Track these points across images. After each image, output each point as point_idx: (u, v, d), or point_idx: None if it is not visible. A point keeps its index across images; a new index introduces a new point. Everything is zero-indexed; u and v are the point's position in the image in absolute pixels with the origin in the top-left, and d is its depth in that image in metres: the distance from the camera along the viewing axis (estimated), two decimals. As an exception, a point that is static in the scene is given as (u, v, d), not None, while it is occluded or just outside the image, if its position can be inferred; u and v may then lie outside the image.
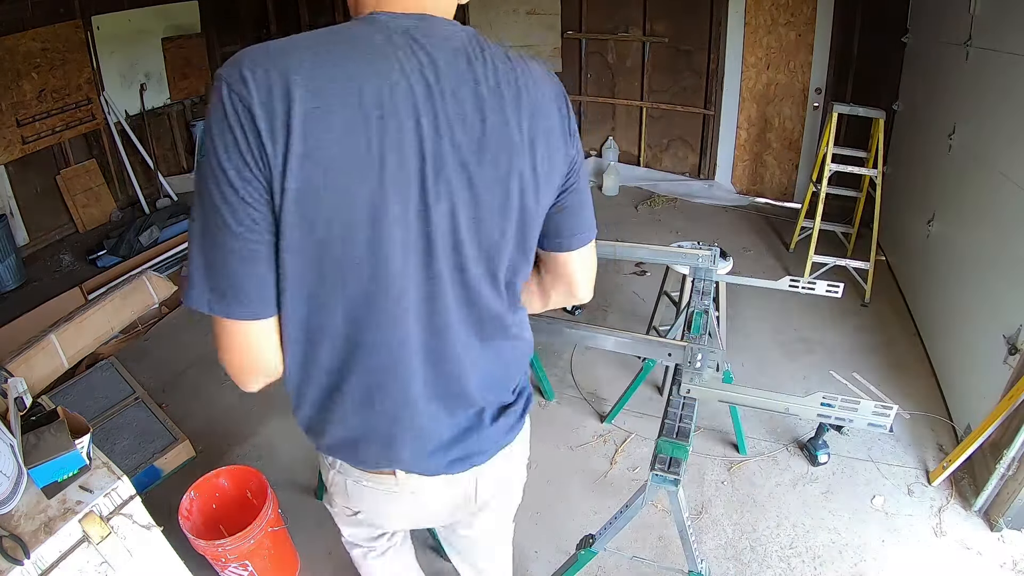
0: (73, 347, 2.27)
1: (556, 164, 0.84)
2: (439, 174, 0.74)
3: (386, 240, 0.74)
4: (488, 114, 0.76)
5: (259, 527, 1.75)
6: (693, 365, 1.36)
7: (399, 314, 0.79)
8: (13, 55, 3.85)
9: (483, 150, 0.76)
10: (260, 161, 0.67)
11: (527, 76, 0.80)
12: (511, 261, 0.86)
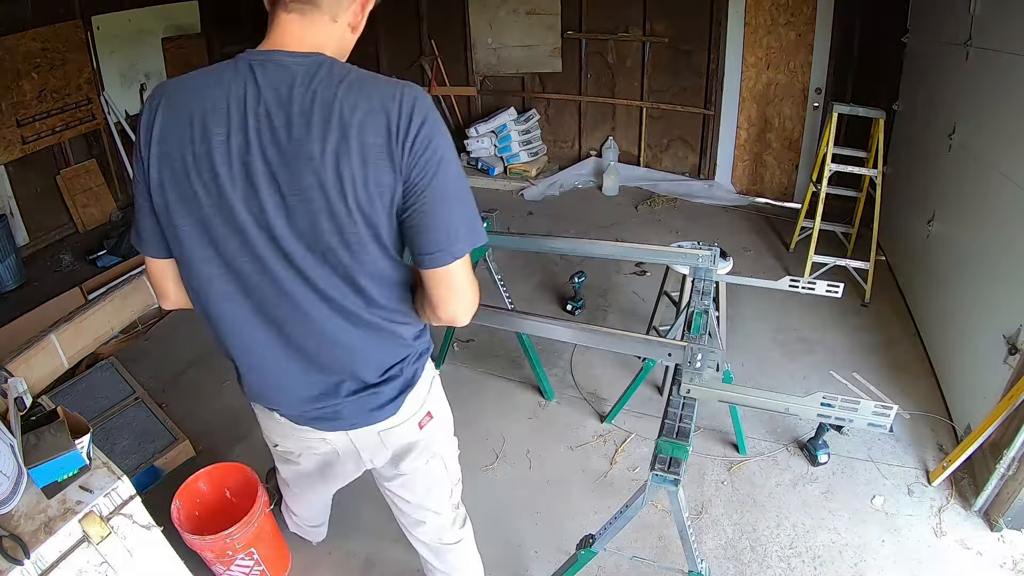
0: (73, 347, 2.26)
1: (380, 180, 0.94)
2: (249, 181, 0.94)
3: (210, 229, 0.97)
4: (294, 133, 0.91)
5: (260, 510, 1.76)
6: (693, 365, 1.36)
7: (230, 291, 1.02)
8: (13, 55, 3.84)
9: (288, 163, 0.92)
10: (142, 155, 0.96)
11: (350, 100, 0.92)
12: (360, 263, 1.00)
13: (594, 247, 2.14)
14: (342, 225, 0.95)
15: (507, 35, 5.22)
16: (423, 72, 5.62)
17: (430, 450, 1.35)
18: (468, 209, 1.02)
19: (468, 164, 5.46)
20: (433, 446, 1.35)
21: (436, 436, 1.34)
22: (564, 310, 3.42)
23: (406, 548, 2.07)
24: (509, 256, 3.87)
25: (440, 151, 0.96)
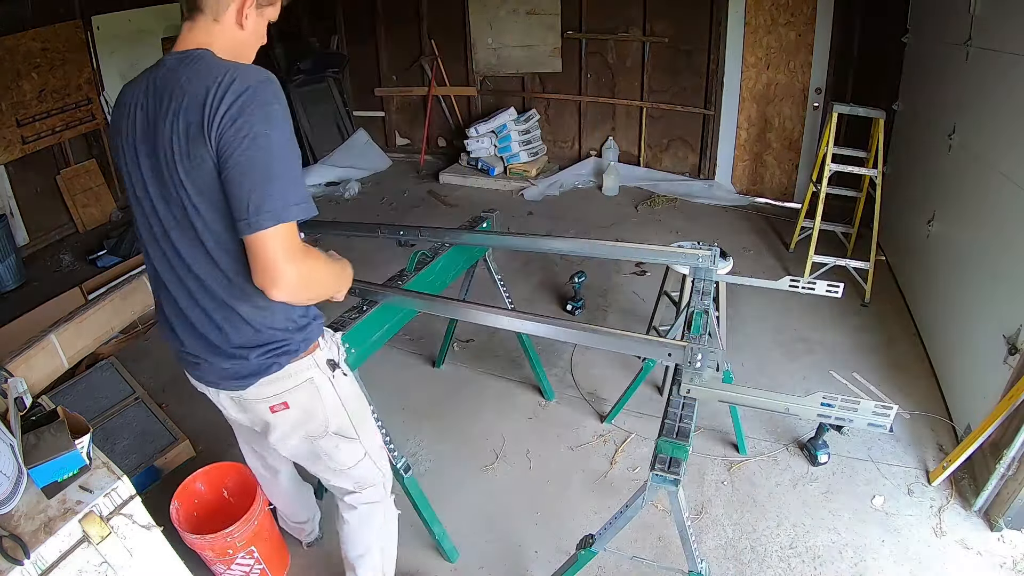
0: (73, 347, 2.27)
1: (200, 155, 1.06)
2: (137, 161, 1.14)
3: (132, 203, 1.22)
4: (150, 116, 1.11)
5: (259, 508, 1.76)
6: (693, 365, 1.35)
7: (148, 256, 1.25)
8: (13, 55, 3.85)
9: (149, 142, 1.11)
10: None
11: (186, 84, 1.07)
12: (210, 232, 1.13)
13: (594, 247, 2.13)
14: (184, 195, 1.10)
15: (507, 35, 5.22)
16: (423, 72, 5.62)
17: (296, 434, 1.40)
18: (276, 187, 1.06)
19: (468, 164, 5.46)
20: (297, 432, 1.40)
21: (295, 427, 1.39)
22: (564, 310, 3.42)
23: (406, 548, 2.08)
24: (509, 256, 3.87)
25: (248, 129, 1.04)
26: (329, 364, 1.38)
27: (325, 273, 1.25)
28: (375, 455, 1.55)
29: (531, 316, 1.55)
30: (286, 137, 1.09)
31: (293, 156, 1.10)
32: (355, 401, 1.47)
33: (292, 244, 1.09)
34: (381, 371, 2.91)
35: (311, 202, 1.13)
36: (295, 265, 1.09)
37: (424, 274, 1.97)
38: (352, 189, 5.22)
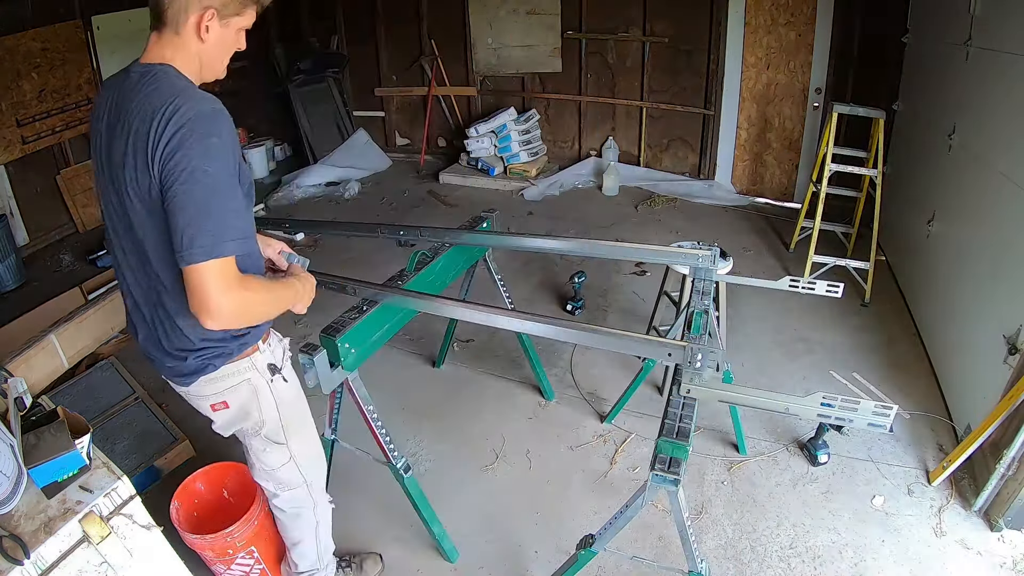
0: (73, 347, 2.27)
1: (146, 182, 1.10)
2: (100, 173, 1.21)
3: (100, 195, 1.26)
4: (110, 131, 1.15)
5: (259, 508, 1.76)
6: (693, 365, 1.35)
7: (111, 246, 1.30)
8: (13, 55, 3.85)
9: (109, 158, 1.16)
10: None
11: (138, 104, 1.11)
12: (156, 253, 1.19)
13: (594, 247, 2.13)
14: (133, 211, 1.16)
15: (507, 35, 5.22)
16: (423, 72, 5.62)
17: (232, 429, 1.46)
18: (211, 223, 1.08)
19: (468, 164, 5.46)
20: (232, 427, 1.45)
21: (231, 423, 1.43)
22: (564, 310, 3.42)
23: (406, 548, 2.08)
24: (509, 256, 3.87)
25: (186, 164, 1.06)
26: (269, 368, 1.41)
27: (264, 303, 1.24)
28: (302, 462, 1.57)
29: (531, 316, 1.55)
30: (226, 171, 1.10)
31: (230, 191, 1.12)
32: (291, 408, 1.48)
33: (226, 278, 1.10)
34: (381, 371, 2.91)
35: (250, 238, 1.19)
36: (229, 298, 1.10)
37: (424, 274, 1.97)
38: (352, 189, 5.22)
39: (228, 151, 1.11)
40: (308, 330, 3.28)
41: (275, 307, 1.30)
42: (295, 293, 1.38)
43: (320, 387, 1.64)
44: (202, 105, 1.10)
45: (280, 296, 1.31)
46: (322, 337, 1.64)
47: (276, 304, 1.30)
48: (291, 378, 1.48)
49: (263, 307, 1.24)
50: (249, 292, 1.16)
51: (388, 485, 1.99)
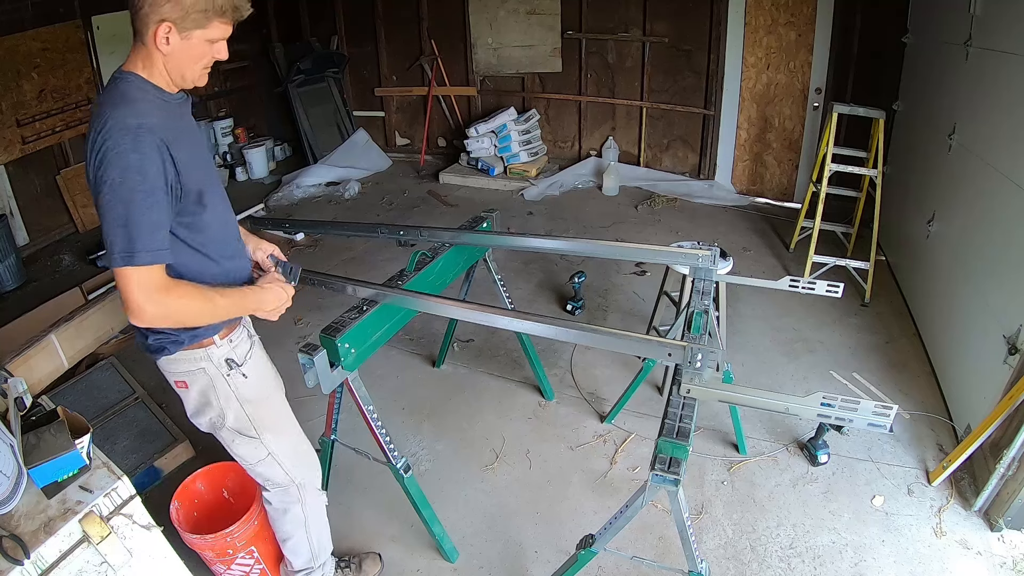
0: (73, 347, 2.26)
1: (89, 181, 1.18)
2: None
3: None
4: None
5: (259, 507, 1.76)
6: (693, 365, 1.35)
7: None
8: (13, 55, 3.85)
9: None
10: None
11: (96, 111, 1.19)
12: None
13: (594, 247, 2.13)
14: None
15: (507, 35, 5.22)
16: (423, 72, 5.62)
17: (202, 417, 1.49)
18: (117, 234, 1.14)
19: (468, 164, 5.46)
20: (201, 415, 1.49)
21: (198, 409, 1.48)
22: (564, 310, 3.42)
23: (406, 548, 2.08)
24: (509, 256, 3.87)
25: (108, 176, 1.13)
26: (227, 363, 1.43)
27: (195, 311, 1.27)
28: (283, 459, 1.58)
29: (531, 316, 1.55)
30: (144, 187, 1.15)
31: (147, 205, 1.16)
32: (257, 405, 1.50)
33: (147, 284, 1.17)
34: (381, 371, 2.91)
35: (163, 252, 1.19)
36: (151, 303, 1.17)
37: (424, 274, 1.97)
38: (352, 189, 5.22)
39: (149, 167, 1.16)
40: (308, 330, 3.28)
41: (213, 315, 1.32)
42: (254, 301, 1.40)
43: (320, 387, 1.64)
44: (128, 121, 1.15)
45: (223, 305, 1.33)
46: (322, 337, 1.64)
47: (215, 312, 1.31)
48: (254, 376, 1.49)
49: (193, 314, 1.28)
50: (176, 299, 1.21)
51: (388, 485, 1.99)
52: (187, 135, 1.30)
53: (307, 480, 1.66)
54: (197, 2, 1.17)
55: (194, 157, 1.28)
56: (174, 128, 1.24)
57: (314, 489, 1.69)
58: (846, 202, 3.69)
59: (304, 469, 1.65)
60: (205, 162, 1.38)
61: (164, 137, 1.19)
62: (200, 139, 1.40)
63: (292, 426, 1.62)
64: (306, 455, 1.67)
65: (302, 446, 1.65)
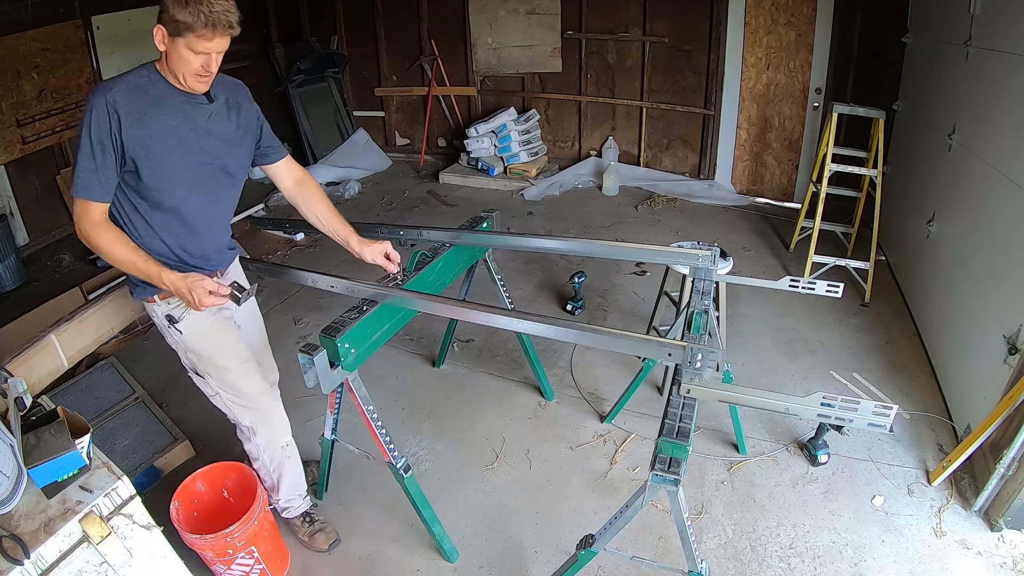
0: (73, 347, 2.26)
1: None
2: None
3: None
4: None
5: (259, 507, 1.76)
6: (693, 365, 1.35)
7: None
8: (13, 55, 3.84)
9: None
10: None
11: None
12: None
13: (594, 247, 2.14)
14: None
15: (507, 35, 5.22)
16: (423, 72, 5.62)
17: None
18: (74, 170, 1.48)
19: (468, 164, 5.46)
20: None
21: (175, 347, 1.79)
22: (564, 310, 3.42)
23: (406, 548, 2.08)
24: (509, 256, 3.87)
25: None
26: (167, 318, 1.71)
27: (115, 255, 1.54)
28: (229, 403, 1.83)
29: (531, 316, 1.55)
30: (86, 138, 1.43)
31: (85, 154, 1.45)
32: (198, 355, 1.75)
33: (83, 213, 1.51)
34: (381, 371, 2.91)
35: (93, 192, 1.49)
36: (83, 230, 1.53)
37: (424, 274, 1.97)
38: (352, 189, 5.22)
39: (93, 123, 1.42)
40: (308, 330, 3.28)
41: (130, 269, 1.57)
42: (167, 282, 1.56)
43: (320, 387, 1.64)
44: (99, 89, 1.45)
45: (139, 268, 1.55)
46: (322, 337, 1.64)
47: (132, 268, 1.56)
48: (189, 333, 1.72)
49: (112, 258, 1.54)
50: (101, 238, 1.52)
51: (388, 485, 1.99)
52: (167, 121, 1.51)
53: (255, 426, 1.86)
54: (176, 14, 1.37)
55: (156, 141, 1.50)
56: (148, 109, 1.48)
57: (265, 435, 1.87)
58: (846, 202, 3.69)
59: (249, 416, 1.85)
60: (180, 153, 1.55)
61: (122, 110, 1.44)
62: (190, 137, 1.57)
63: (239, 378, 1.80)
64: (251, 406, 1.84)
65: (247, 398, 1.83)
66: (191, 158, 1.58)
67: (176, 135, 1.54)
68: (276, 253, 4.10)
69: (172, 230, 1.63)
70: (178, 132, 1.54)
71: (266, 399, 1.87)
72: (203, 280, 1.55)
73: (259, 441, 1.89)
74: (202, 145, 1.60)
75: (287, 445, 1.93)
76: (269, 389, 1.91)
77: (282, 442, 1.92)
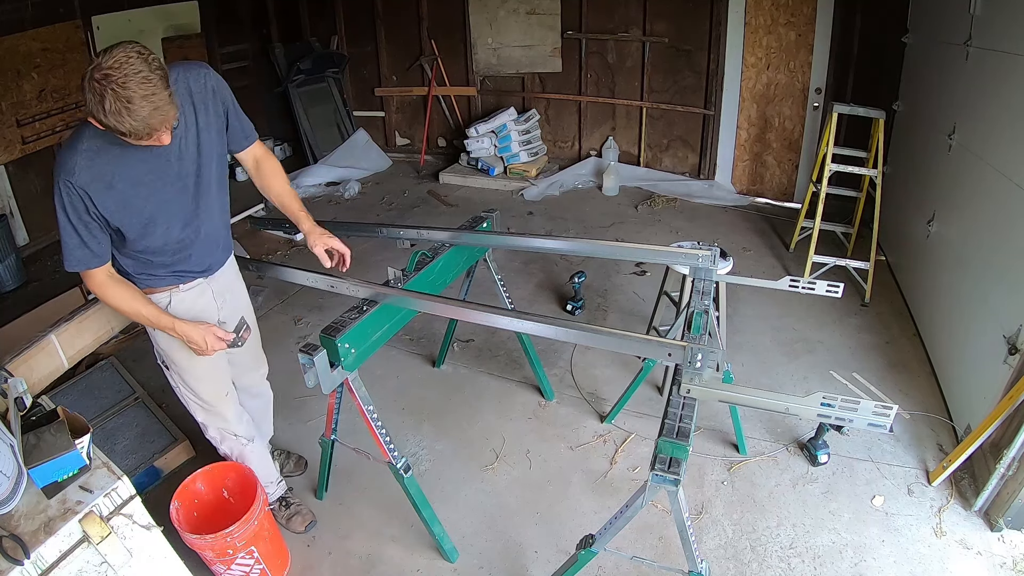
0: (73, 347, 2.26)
1: None
2: None
3: None
4: None
5: (259, 507, 1.76)
6: (693, 365, 1.35)
7: None
8: (13, 55, 3.84)
9: None
10: None
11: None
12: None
13: (594, 247, 2.14)
14: None
15: (507, 35, 5.22)
16: (423, 72, 5.62)
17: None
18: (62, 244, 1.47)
19: (468, 164, 5.46)
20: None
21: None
22: (564, 310, 3.42)
23: (406, 548, 2.08)
24: (509, 256, 3.87)
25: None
26: None
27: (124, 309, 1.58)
28: (188, 398, 1.88)
29: (531, 316, 1.55)
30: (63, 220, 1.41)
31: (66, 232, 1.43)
32: (167, 351, 1.78)
33: (86, 280, 1.53)
34: (381, 371, 2.91)
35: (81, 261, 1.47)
36: (93, 292, 1.57)
37: (424, 274, 1.97)
38: (352, 189, 5.22)
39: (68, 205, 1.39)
40: (308, 330, 3.28)
41: (141, 320, 1.62)
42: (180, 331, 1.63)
43: (320, 387, 1.64)
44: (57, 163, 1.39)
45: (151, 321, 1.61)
46: (322, 337, 1.64)
47: (143, 320, 1.62)
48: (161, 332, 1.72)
49: (125, 313, 1.60)
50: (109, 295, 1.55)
51: (388, 485, 1.99)
52: (137, 177, 1.44)
53: (206, 422, 1.93)
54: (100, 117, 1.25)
55: (133, 199, 1.45)
56: (114, 173, 1.40)
57: (217, 430, 1.95)
58: (846, 202, 3.69)
59: (202, 413, 1.91)
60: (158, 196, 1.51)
61: (89, 188, 1.37)
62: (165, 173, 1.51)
63: (200, 382, 1.84)
64: (205, 406, 1.89)
65: (202, 400, 1.87)
66: (169, 190, 1.52)
67: (148, 184, 1.47)
68: (276, 253, 4.10)
69: (167, 254, 1.62)
70: (150, 179, 1.47)
71: (221, 403, 1.91)
72: (211, 328, 1.65)
73: (212, 434, 1.97)
74: (178, 171, 1.53)
75: (238, 436, 1.98)
76: (225, 397, 1.91)
77: (234, 432, 1.97)
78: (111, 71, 1.20)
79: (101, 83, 1.20)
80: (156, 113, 1.25)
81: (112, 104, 1.21)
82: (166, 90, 1.26)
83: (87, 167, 1.36)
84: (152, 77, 1.23)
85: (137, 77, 1.21)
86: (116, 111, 1.21)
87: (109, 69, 1.20)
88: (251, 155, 1.81)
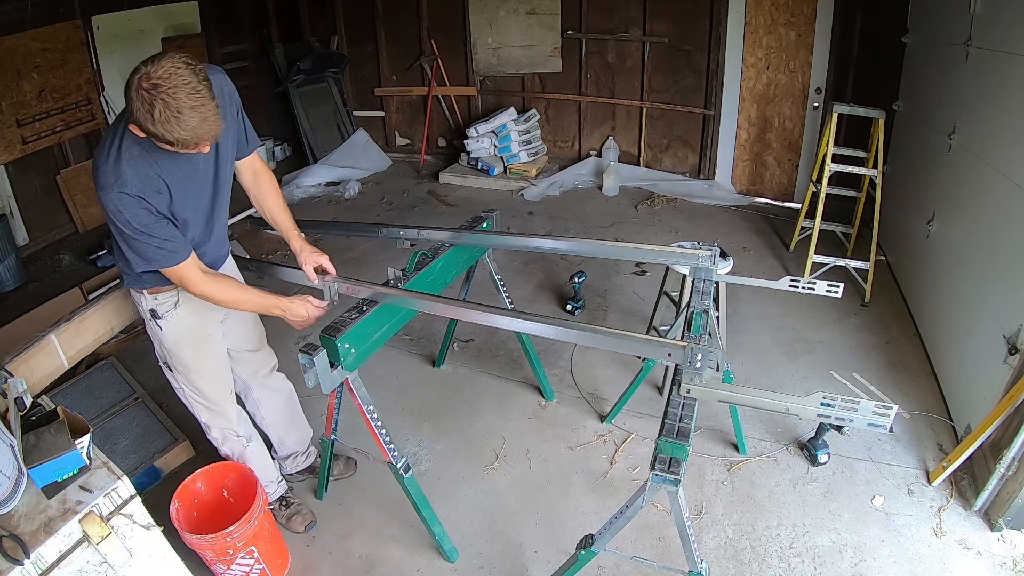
0: (73, 347, 2.26)
1: None
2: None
3: None
4: None
5: (259, 507, 1.76)
6: (693, 365, 1.35)
7: None
8: (13, 55, 3.84)
9: None
10: None
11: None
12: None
13: (594, 247, 2.14)
14: None
15: (507, 35, 5.22)
16: (423, 72, 5.62)
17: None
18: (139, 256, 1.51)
19: (468, 164, 5.46)
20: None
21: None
22: (564, 310, 3.42)
23: (406, 548, 2.08)
24: (509, 256, 3.87)
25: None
26: (150, 312, 1.74)
27: (230, 299, 1.65)
28: (190, 399, 1.89)
29: (531, 316, 1.55)
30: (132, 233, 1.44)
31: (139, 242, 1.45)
32: (171, 352, 1.79)
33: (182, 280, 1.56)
34: (381, 371, 2.91)
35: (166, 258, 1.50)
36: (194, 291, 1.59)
37: (424, 274, 1.97)
38: (352, 189, 5.22)
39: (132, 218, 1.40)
40: (308, 330, 3.28)
41: (250, 307, 1.72)
42: (279, 309, 1.71)
43: (320, 387, 1.64)
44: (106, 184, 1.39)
45: (258, 304, 1.69)
46: (322, 337, 1.64)
47: (252, 306, 1.71)
48: (169, 331, 1.75)
49: (231, 303, 1.66)
50: (212, 293, 1.59)
51: (388, 485, 1.99)
52: (181, 181, 1.49)
53: (209, 423, 1.94)
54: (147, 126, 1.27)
55: (179, 197, 1.49)
56: (161, 179, 1.43)
57: (220, 431, 1.95)
58: (846, 202, 3.69)
59: (206, 414, 1.92)
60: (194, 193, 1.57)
61: (145, 194, 1.40)
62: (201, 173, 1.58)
63: (205, 382, 1.85)
64: (209, 406, 1.90)
65: (207, 399, 1.88)
66: (198, 193, 1.59)
67: (184, 189, 1.52)
68: (276, 253, 4.10)
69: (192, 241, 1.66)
70: (185, 183, 1.52)
71: (225, 402, 1.93)
72: (308, 299, 1.74)
73: (215, 435, 1.97)
74: (204, 174, 1.59)
75: (240, 436, 1.98)
76: (228, 395, 1.95)
77: (235, 432, 1.97)
78: (160, 81, 1.21)
79: (151, 92, 1.22)
80: (204, 124, 1.27)
81: (162, 113, 1.23)
82: (213, 101, 1.28)
83: (135, 175, 1.38)
84: (201, 88, 1.26)
85: (187, 88, 1.23)
86: (165, 120, 1.23)
87: (159, 79, 1.22)
88: (250, 166, 1.82)
